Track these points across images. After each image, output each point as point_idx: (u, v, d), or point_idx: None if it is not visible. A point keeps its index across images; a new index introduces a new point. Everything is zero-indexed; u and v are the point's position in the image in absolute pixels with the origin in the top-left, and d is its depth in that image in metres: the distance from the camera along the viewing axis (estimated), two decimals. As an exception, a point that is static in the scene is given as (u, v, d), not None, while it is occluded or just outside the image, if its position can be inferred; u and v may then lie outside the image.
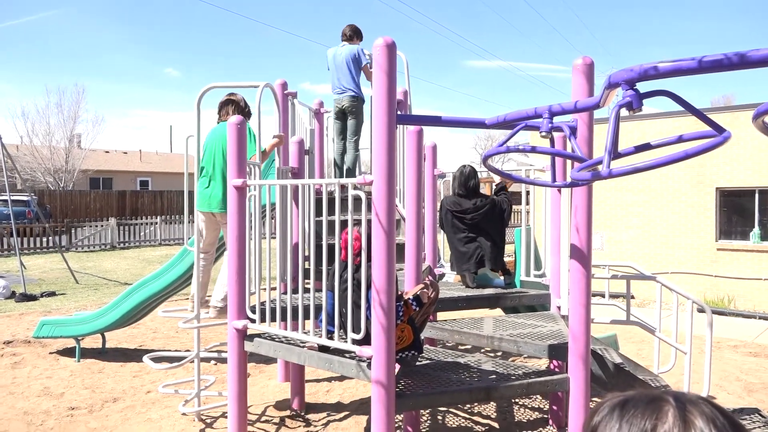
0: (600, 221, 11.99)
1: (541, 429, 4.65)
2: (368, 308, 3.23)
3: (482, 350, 6.65)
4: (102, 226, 20.00)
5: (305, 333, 3.62)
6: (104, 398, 5.27)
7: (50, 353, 6.68)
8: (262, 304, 3.86)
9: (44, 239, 18.26)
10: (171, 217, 22.45)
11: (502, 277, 5.02)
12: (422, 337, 4.35)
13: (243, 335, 3.93)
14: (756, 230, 10.86)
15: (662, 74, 1.75)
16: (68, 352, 6.65)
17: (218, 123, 5.04)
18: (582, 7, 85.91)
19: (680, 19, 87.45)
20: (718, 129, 1.88)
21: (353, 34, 6.71)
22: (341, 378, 5.77)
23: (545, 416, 4.89)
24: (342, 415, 4.94)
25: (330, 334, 3.49)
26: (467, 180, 5.04)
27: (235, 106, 5.01)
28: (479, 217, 4.94)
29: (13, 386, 5.57)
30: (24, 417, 4.82)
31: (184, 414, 4.84)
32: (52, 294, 10.68)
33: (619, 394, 0.85)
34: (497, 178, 5.34)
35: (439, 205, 5.34)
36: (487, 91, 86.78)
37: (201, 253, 4.92)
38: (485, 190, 5.65)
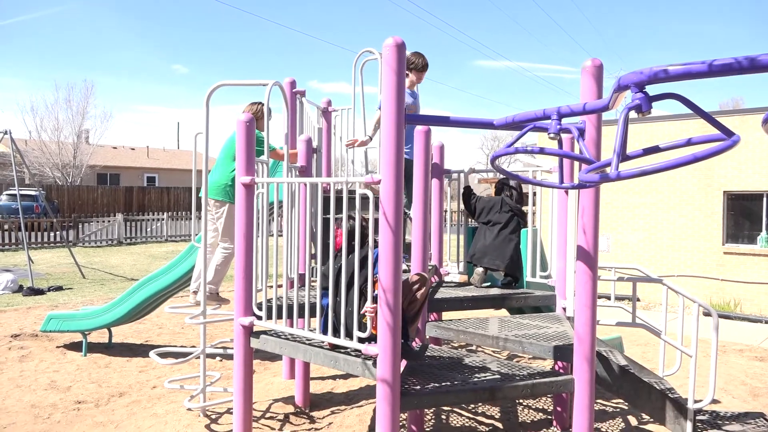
0: (606, 223, 11.96)
1: (545, 430, 4.65)
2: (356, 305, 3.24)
3: (487, 350, 6.65)
4: (109, 221, 20.10)
5: (311, 330, 3.64)
6: (110, 393, 5.31)
7: (57, 347, 6.73)
8: (269, 301, 3.88)
9: (52, 234, 18.38)
10: (178, 214, 22.54)
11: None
12: (421, 333, 4.36)
13: (249, 332, 3.95)
14: (763, 234, 10.80)
15: (672, 77, 1.76)
16: (75, 347, 6.69)
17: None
18: (590, 9, 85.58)
19: (689, 22, 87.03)
20: (728, 133, 1.88)
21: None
22: (346, 376, 5.79)
23: (549, 417, 4.89)
24: (346, 412, 4.96)
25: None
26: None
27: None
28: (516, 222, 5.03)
29: (21, 379, 5.62)
30: (31, 410, 4.86)
31: (189, 409, 4.86)
32: (59, 288, 10.75)
33: None
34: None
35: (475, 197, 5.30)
36: (494, 92, 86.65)
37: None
38: (491, 191, 5.62)
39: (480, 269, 4.94)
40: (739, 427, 4.04)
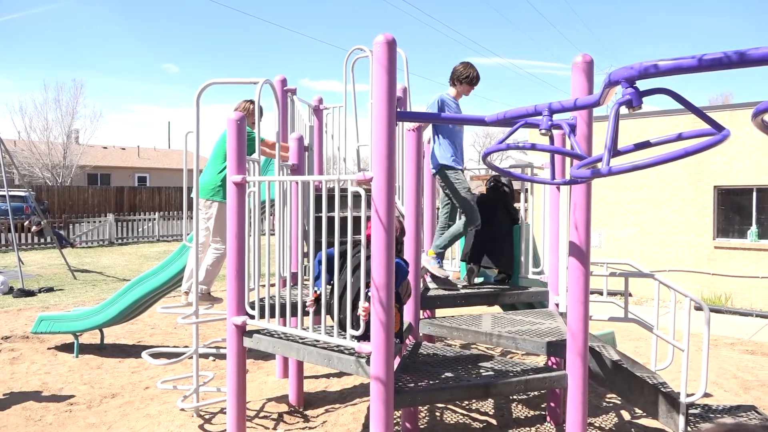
0: (598, 219, 12.00)
1: (538, 426, 4.67)
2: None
3: (481, 347, 6.66)
4: (100, 222, 19.98)
5: (304, 329, 3.63)
6: (103, 394, 5.28)
7: (48, 349, 6.68)
8: (261, 300, 3.87)
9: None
10: (169, 214, 22.43)
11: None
12: (414, 330, 4.36)
13: (242, 331, 3.93)
14: (753, 228, 10.89)
15: (662, 72, 1.76)
16: (67, 348, 6.65)
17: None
18: (580, 4, 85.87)
19: (679, 15, 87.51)
20: (718, 127, 1.89)
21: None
22: (339, 374, 5.78)
23: (543, 413, 4.91)
24: (340, 410, 4.95)
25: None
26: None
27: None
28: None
29: (12, 381, 5.58)
30: (23, 412, 4.82)
31: (182, 409, 4.84)
32: (50, 290, 10.67)
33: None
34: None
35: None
36: (485, 89, 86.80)
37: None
38: (482, 188, 5.62)
39: (473, 266, 4.95)
40: (731, 421, 4.07)
